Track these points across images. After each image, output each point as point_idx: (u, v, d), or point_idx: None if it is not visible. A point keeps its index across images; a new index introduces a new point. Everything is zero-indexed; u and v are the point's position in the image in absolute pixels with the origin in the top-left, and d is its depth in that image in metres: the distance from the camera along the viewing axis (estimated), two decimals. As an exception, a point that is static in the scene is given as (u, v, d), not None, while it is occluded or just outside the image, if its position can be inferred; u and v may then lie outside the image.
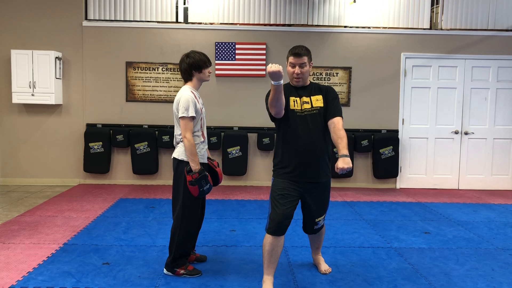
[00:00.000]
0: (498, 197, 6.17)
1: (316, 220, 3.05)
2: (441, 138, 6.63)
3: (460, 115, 6.62)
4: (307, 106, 2.89)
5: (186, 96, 3.05)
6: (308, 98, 2.91)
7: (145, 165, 6.39)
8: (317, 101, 2.91)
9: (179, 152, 3.13)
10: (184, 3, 6.45)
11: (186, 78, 3.20)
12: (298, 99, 2.90)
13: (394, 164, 6.49)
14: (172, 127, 3.26)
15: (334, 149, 3.99)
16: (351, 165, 2.61)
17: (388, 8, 6.54)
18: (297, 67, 2.84)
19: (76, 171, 6.49)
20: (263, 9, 6.50)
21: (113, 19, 6.43)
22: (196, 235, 3.37)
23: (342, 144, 2.72)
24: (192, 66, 3.15)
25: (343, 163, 2.59)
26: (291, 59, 2.86)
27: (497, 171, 6.69)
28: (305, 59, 2.85)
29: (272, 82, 2.62)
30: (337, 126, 2.80)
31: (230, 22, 6.49)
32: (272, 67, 2.55)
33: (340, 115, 2.89)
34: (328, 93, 2.94)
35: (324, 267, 3.35)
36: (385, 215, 5.06)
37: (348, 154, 2.66)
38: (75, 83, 6.43)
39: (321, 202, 3.02)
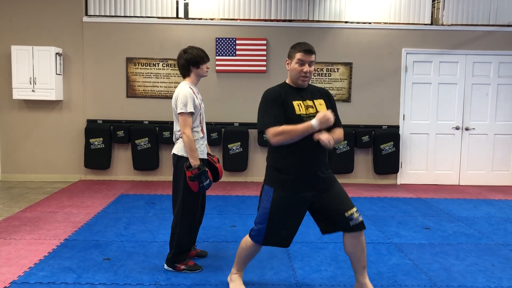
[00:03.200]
0: (498, 192, 6.16)
1: (346, 214, 2.64)
2: (442, 134, 6.62)
3: (461, 110, 6.60)
4: (312, 110, 2.66)
5: (184, 92, 3.05)
6: (311, 101, 2.69)
7: (145, 161, 6.39)
8: (321, 105, 2.70)
9: (178, 148, 3.13)
10: (185, -1, 6.44)
11: (184, 74, 3.20)
12: (301, 102, 2.66)
13: (394, 160, 6.49)
14: (173, 123, 3.26)
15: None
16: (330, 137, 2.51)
17: (389, 4, 6.52)
18: (306, 65, 2.63)
19: (77, 167, 6.50)
20: (264, 5, 6.48)
21: (113, 14, 6.42)
22: (196, 231, 3.38)
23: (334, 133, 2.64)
24: (190, 62, 3.14)
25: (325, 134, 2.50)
26: (300, 55, 2.62)
27: (498, 167, 6.68)
28: (314, 57, 2.67)
29: (316, 128, 2.49)
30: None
31: (231, 18, 6.47)
32: (329, 115, 2.48)
33: (341, 125, 2.77)
34: (329, 98, 2.79)
35: None
36: (385, 210, 5.07)
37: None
38: (75, 79, 6.43)
39: (339, 193, 2.74)
